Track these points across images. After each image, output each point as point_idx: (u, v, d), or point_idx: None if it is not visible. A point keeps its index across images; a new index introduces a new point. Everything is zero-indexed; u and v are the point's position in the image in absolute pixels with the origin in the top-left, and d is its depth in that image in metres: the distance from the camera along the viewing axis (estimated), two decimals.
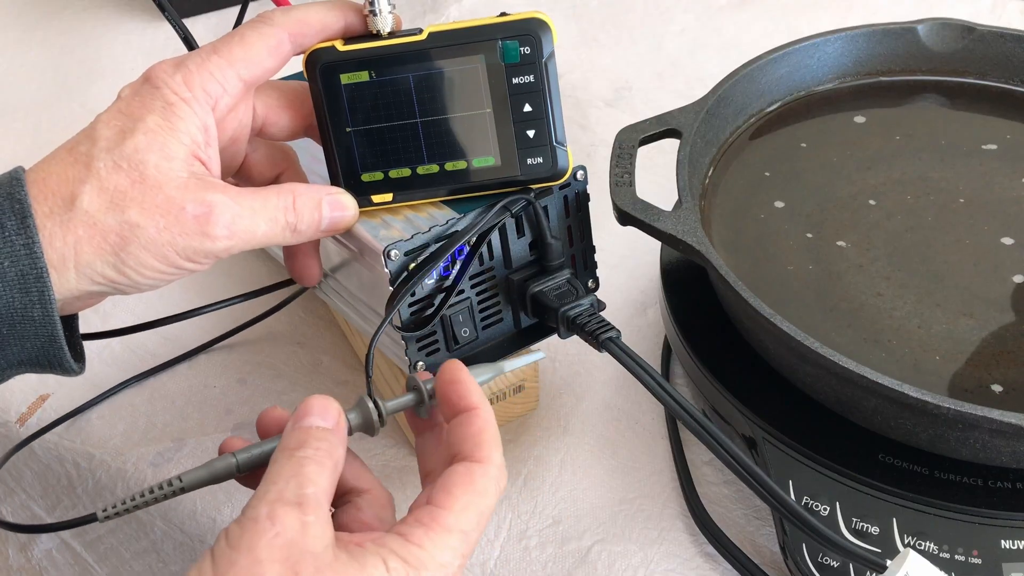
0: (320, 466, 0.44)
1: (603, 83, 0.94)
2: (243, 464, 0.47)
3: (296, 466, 0.44)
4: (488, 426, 0.47)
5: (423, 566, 0.42)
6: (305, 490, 0.43)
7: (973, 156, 0.69)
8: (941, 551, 0.53)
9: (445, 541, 0.43)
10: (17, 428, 0.68)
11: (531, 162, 0.55)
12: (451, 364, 0.49)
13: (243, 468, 0.47)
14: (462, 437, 0.47)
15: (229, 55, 0.51)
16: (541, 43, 0.53)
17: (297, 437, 0.45)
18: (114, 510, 0.47)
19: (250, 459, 0.47)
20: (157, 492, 0.47)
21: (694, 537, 0.59)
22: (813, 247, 0.64)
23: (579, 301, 0.55)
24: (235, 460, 0.47)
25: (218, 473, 0.47)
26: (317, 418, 0.46)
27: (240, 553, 0.41)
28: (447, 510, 0.44)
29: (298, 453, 0.44)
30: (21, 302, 0.47)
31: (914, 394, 0.50)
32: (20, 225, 0.47)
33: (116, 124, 0.50)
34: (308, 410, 0.47)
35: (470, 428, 0.47)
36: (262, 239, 0.51)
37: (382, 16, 0.53)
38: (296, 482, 0.43)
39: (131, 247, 0.48)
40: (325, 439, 0.45)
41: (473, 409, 0.47)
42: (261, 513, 0.42)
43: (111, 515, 0.47)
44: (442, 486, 0.45)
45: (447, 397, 0.48)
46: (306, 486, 0.43)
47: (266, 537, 0.41)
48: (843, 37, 0.73)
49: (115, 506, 0.47)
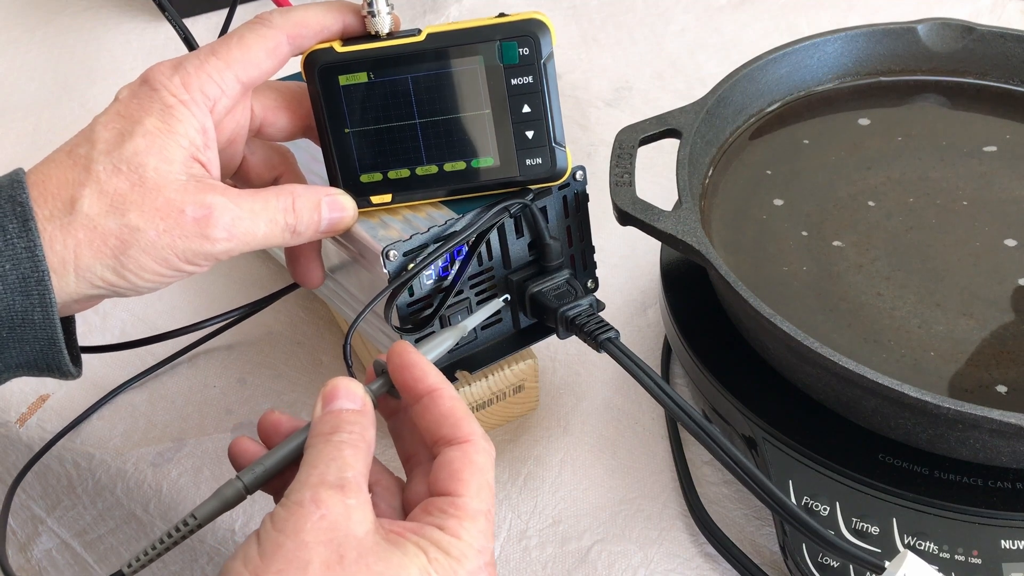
0: (356, 449, 0.45)
1: (603, 83, 0.94)
2: (250, 486, 0.47)
3: (334, 450, 0.44)
4: (456, 403, 0.47)
5: (464, 556, 0.43)
6: (345, 473, 0.43)
7: (973, 156, 0.69)
8: (941, 551, 0.53)
9: (477, 527, 0.44)
10: (17, 428, 0.68)
11: (530, 163, 0.54)
12: (399, 347, 0.48)
13: (251, 489, 0.47)
14: (436, 421, 0.46)
15: (227, 57, 0.51)
16: (540, 44, 0.53)
17: (330, 422, 0.46)
18: (139, 563, 0.46)
19: (256, 479, 0.47)
20: (175, 535, 0.46)
21: (694, 537, 0.59)
22: (813, 247, 0.63)
23: (578, 301, 0.55)
24: (242, 484, 0.47)
25: (228, 500, 0.47)
26: (345, 400, 0.46)
27: (286, 536, 0.41)
28: (466, 496, 0.44)
29: (334, 438, 0.45)
30: (22, 305, 0.47)
31: (914, 394, 0.50)
32: (22, 228, 0.47)
33: (115, 127, 0.50)
34: (335, 393, 0.47)
35: (439, 410, 0.46)
36: (262, 241, 0.51)
37: (380, 17, 0.53)
38: (336, 465, 0.44)
39: (131, 250, 0.48)
40: (357, 422, 0.46)
41: (433, 391, 0.47)
42: (305, 497, 0.42)
43: (136, 568, 0.46)
44: (449, 474, 0.45)
45: (404, 383, 0.48)
46: (346, 470, 0.43)
47: (311, 520, 0.42)
48: (843, 37, 0.73)
49: (138, 559, 0.46)
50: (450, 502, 0.44)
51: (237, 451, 0.49)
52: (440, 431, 0.46)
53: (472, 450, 0.46)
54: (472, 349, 0.57)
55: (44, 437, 0.67)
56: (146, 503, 0.64)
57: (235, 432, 0.66)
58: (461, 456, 0.45)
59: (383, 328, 0.56)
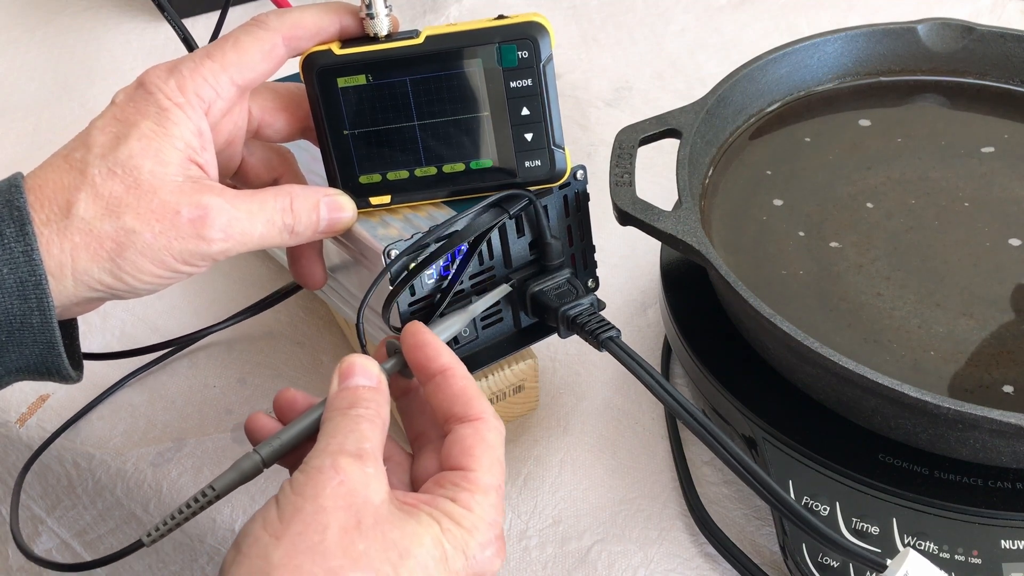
0: (372, 424, 0.46)
1: (603, 83, 0.94)
2: (268, 459, 0.48)
3: (352, 423, 0.45)
4: (468, 382, 0.48)
5: (475, 528, 0.44)
6: (363, 444, 0.45)
7: (973, 156, 0.69)
8: (941, 551, 0.53)
9: (488, 500, 0.45)
10: (17, 428, 0.68)
11: (529, 165, 0.55)
12: (413, 327, 0.50)
13: (268, 462, 0.48)
14: (448, 399, 0.48)
15: (223, 59, 0.51)
16: (539, 47, 0.53)
17: (347, 397, 0.47)
18: (157, 532, 0.47)
19: (273, 452, 0.48)
20: (194, 505, 0.47)
21: (694, 537, 0.59)
22: (813, 247, 0.63)
23: (579, 300, 0.55)
24: (260, 456, 0.48)
25: (247, 473, 0.48)
26: (361, 378, 0.48)
27: (305, 499, 0.42)
28: (478, 471, 0.46)
29: (352, 412, 0.46)
30: (20, 309, 0.47)
31: (914, 394, 0.50)
32: (19, 232, 0.47)
33: (111, 130, 0.50)
34: (352, 370, 0.48)
35: (452, 389, 0.48)
36: (259, 241, 0.51)
37: (379, 19, 0.53)
38: (355, 437, 0.45)
39: (127, 253, 0.48)
40: (373, 399, 0.47)
41: (447, 370, 0.48)
42: (325, 463, 0.43)
43: (156, 538, 0.47)
44: (461, 450, 0.46)
45: (417, 362, 0.49)
46: (363, 441, 0.45)
47: (331, 485, 0.43)
48: (843, 37, 0.73)
49: (157, 528, 0.47)
50: (463, 476, 0.46)
51: (254, 427, 0.50)
52: (453, 409, 0.48)
53: (484, 427, 0.47)
54: (473, 348, 0.57)
55: (44, 437, 0.67)
56: (146, 503, 0.64)
57: (235, 432, 0.66)
58: (473, 433, 0.47)
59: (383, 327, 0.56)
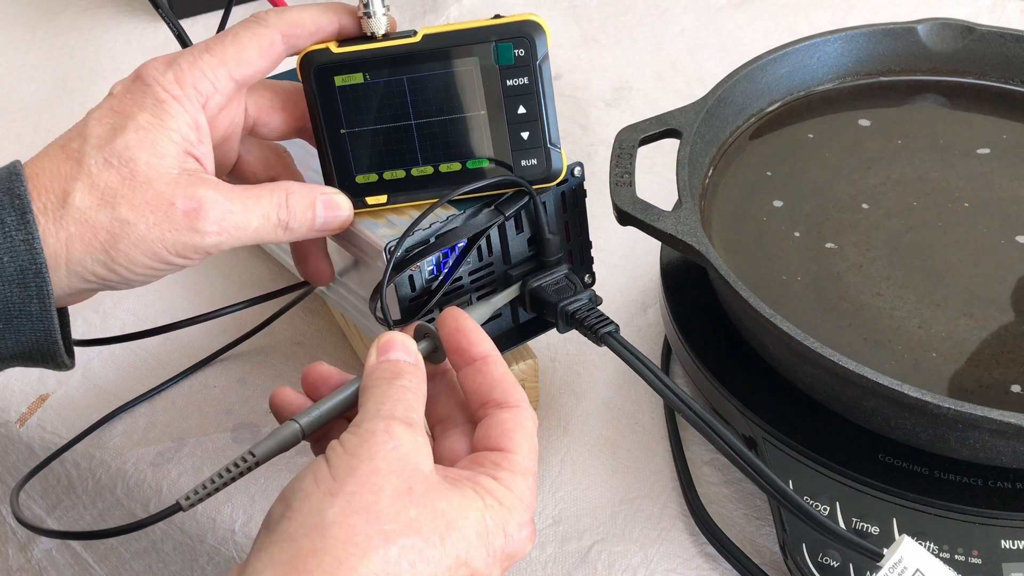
0: (417, 396, 0.47)
1: (603, 83, 0.94)
2: (307, 428, 0.48)
3: (400, 392, 0.46)
4: (507, 371, 0.49)
5: (514, 508, 0.45)
6: (412, 414, 0.45)
7: (972, 156, 0.69)
8: (941, 551, 0.53)
9: (526, 483, 0.46)
10: (17, 428, 0.68)
11: (525, 164, 0.55)
12: (452, 311, 0.50)
13: (308, 433, 0.48)
14: (487, 384, 0.48)
15: (221, 54, 0.52)
16: (535, 45, 0.53)
17: (390, 368, 0.47)
18: (196, 496, 0.47)
19: (312, 422, 0.48)
20: (233, 471, 0.47)
21: (694, 537, 0.59)
22: (812, 247, 0.63)
23: (577, 296, 0.55)
24: (299, 425, 0.48)
25: (286, 441, 0.48)
26: (402, 353, 0.48)
27: (360, 460, 0.42)
28: (518, 454, 0.46)
29: (397, 382, 0.46)
30: (19, 297, 0.47)
31: (914, 394, 0.50)
32: (20, 220, 0.47)
33: (108, 121, 0.50)
34: (392, 344, 0.48)
35: (492, 375, 0.48)
36: (253, 235, 0.51)
37: (376, 18, 0.53)
38: (403, 405, 0.45)
39: (121, 244, 0.48)
40: (415, 373, 0.48)
41: (487, 356, 0.49)
42: (379, 427, 0.44)
43: (195, 501, 0.47)
44: (501, 432, 0.47)
45: (456, 345, 0.49)
46: (411, 411, 0.45)
47: (385, 449, 0.43)
48: (843, 37, 0.73)
49: (196, 491, 0.47)
50: (503, 456, 0.46)
51: (281, 400, 0.50)
52: (492, 394, 0.48)
53: (523, 415, 0.48)
54: None
55: (44, 437, 0.67)
56: (146, 503, 0.64)
57: (235, 432, 0.66)
58: (512, 418, 0.47)
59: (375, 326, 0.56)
